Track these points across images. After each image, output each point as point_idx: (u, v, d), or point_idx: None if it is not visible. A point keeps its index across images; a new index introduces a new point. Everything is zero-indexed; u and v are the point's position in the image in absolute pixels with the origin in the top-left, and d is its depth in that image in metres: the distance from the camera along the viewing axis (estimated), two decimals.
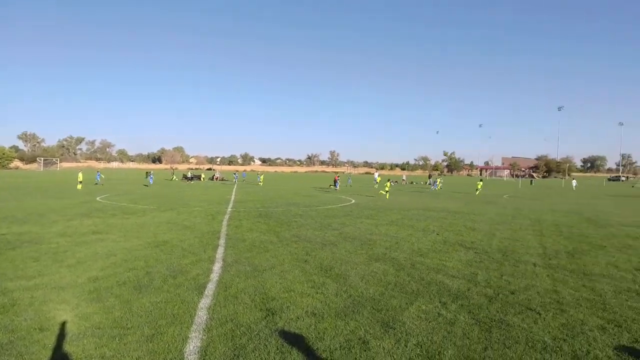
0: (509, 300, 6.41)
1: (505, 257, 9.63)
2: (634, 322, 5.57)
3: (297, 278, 7.43)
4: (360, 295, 6.50)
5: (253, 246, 10.28)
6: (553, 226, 15.70)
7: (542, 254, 10.19)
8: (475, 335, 5.05)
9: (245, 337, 4.85)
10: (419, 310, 5.87)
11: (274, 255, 9.26)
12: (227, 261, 8.60)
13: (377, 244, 10.94)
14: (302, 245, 10.53)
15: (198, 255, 9.08)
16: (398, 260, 9.05)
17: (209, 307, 5.78)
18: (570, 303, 6.34)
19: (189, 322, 5.25)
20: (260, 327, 5.15)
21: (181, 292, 6.46)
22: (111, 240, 10.67)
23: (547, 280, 7.68)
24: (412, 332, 5.08)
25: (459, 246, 10.98)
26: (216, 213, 17.47)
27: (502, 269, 8.45)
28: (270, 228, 13.43)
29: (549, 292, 6.88)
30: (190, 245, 10.27)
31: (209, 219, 15.58)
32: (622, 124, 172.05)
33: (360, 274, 7.79)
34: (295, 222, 14.95)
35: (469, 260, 9.29)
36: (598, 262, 9.32)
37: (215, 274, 7.53)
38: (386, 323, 5.37)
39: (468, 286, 7.15)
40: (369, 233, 12.87)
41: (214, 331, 4.98)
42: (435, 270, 8.27)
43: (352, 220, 16.08)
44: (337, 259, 9.11)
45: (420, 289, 6.95)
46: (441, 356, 4.46)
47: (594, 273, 8.30)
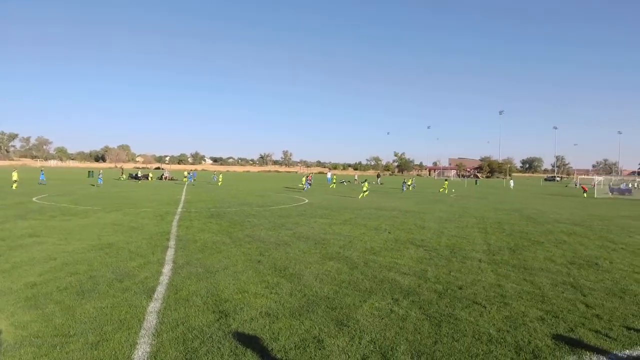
0: (457, 295, 6.68)
1: (453, 254, 10.03)
2: (570, 313, 5.98)
3: (250, 279, 7.34)
4: (314, 295, 6.53)
5: (205, 247, 10.04)
6: (496, 224, 16.56)
7: (486, 250, 10.71)
8: (426, 330, 5.22)
9: (198, 340, 4.72)
10: (372, 308, 5.98)
11: (226, 256, 9.09)
12: (178, 263, 8.33)
13: (331, 243, 11.04)
14: (256, 246, 10.42)
15: (146, 258, 8.73)
16: (351, 259, 9.18)
17: (159, 311, 5.57)
18: (513, 296, 6.71)
19: (137, 327, 5.03)
20: (213, 329, 5.04)
21: (128, 296, 6.18)
22: (50, 244, 10.02)
23: (491, 275, 8.09)
24: (365, 329, 5.17)
25: (409, 244, 11.30)
26: (165, 214, 16.89)
27: (451, 266, 8.80)
28: (222, 228, 13.17)
29: (493, 287, 7.24)
30: (137, 247, 9.86)
31: (157, 219, 15.03)
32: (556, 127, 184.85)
33: (314, 273, 7.82)
34: (249, 222, 14.76)
35: (419, 257, 9.59)
36: (537, 257, 9.93)
37: (165, 277, 7.27)
38: (340, 321, 5.43)
39: (419, 282, 7.38)
40: (323, 232, 12.95)
41: (164, 335, 4.80)
42: (388, 268, 8.46)
43: (305, 219, 16.12)
44: (291, 258, 9.10)
45: (374, 286, 7.09)
46: (394, 351, 4.57)
47: (534, 267, 8.84)
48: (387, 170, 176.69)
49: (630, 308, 6.26)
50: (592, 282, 7.77)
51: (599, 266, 9.15)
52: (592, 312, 6.05)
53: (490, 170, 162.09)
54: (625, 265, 9.34)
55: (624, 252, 11.05)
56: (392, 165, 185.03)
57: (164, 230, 12.59)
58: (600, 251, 11.04)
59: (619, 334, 5.22)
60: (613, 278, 8.09)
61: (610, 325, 5.52)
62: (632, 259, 10.02)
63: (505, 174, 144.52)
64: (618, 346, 4.85)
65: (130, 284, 6.81)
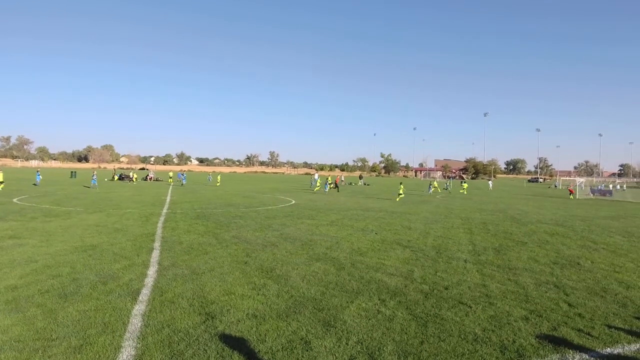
0: (443, 295, 6.74)
1: (439, 255, 10.12)
2: (552, 312, 6.08)
3: (237, 280, 7.29)
4: (301, 296, 6.51)
5: (191, 248, 9.94)
6: (481, 224, 16.76)
7: (472, 250, 10.83)
8: (412, 330, 5.25)
9: (184, 342, 4.67)
10: (359, 308, 5.99)
11: (212, 258, 9.02)
12: (163, 265, 8.23)
13: (318, 244, 11.04)
14: (242, 247, 10.35)
15: (131, 260, 8.61)
16: (338, 260, 9.19)
17: (144, 314, 5.49)
18: (498, 296, 6.79)
19: (122, 330, 4.96)
20: (199, 331, 4.99)
21: (112, 298, 6.08)
22: (31, 246, 9.81)
23: (476, 275, 8.18)
24: (352, 330, 5.17)
25: (396, 245, 11.36)
26: (150, 215, 16.68)
27: (437, 266, 8.87)
28: (208, 230, 13.07)
29: (478, 287, 7.32)
30: (122, 249, 9.71)
31: (142, 220, 14.83)
32: (539, 130, 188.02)
33: (301, 274, 7.81)
34: (235, 224, 14.67)
35: (406, 258, 9.64)
36: (521, 257, 10.08)
37: (150, 279, 7.17)
38: (327, 322, 5.42)
39: (405, 283, 7.42)
40: (310, 233, 12.94)
41: (150, 338, 4.74)
42: (375, 268, 8.49)
43: (292, 221, 16.08)
44: (278, 259, 9.06)
45: (360, 287, 7.10)
46: (381, 352, 4.59)
47: (518, 267, 8.97)
48: (374, 171, 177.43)
49: (611, 307, 6.39)
50: (574, 281, 7.91)
51: (580, 266, 9.32)
52: (574, 311, 6.15)
53: (475, 172, 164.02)
54: (606, 264, 9.54)
55: (604, 251, 11.28)
56: (378, 166, 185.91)
57: (149, 231, 12.43)
58: (582, 251, 11.26)
59: (601, 332, 5.32)
60: (594, 277, 8.25)
61: (592, 323, 5.63)
62: (612, 259, 10.24)
63: (490, 175, 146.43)
64: (600, 344, 4.94)
65: (114, 286, 6.70)
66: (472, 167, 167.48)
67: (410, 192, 42.08)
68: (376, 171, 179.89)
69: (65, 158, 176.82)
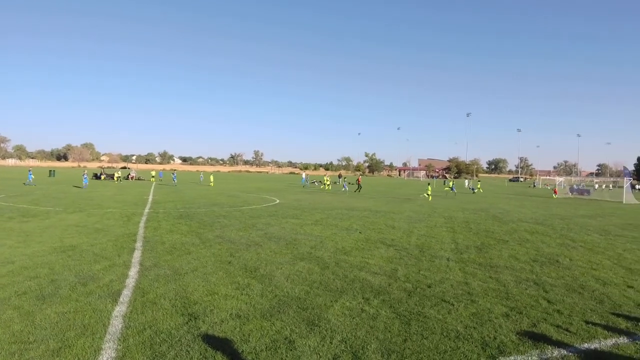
0: (426, 294, 6.81)
1: (422, 253, 10.21)
2: (532, 309, 6.20)
3: (220, 280, 7.23)
4: (285, 295, 6.50)
5: (173, 248, 9.82)
6: (463, 223, 16.99)
7: (454, 249, 10.96)
8: (396, 328, 5.28)
9: (166, 344, 4.61)
10: (343, 307, 6.01)
11: (196, 258, 8.93)
12: (145, 265, 8.12)
13: (302, 244, 11.02)
14: (226, 247, 10.28)
15: (112, 260, 8.46)
16: (323, 259, 9.20)
17: (125, 315, 5.40)
18: (479, 293, 6.89)
19: (102, 332, 4.87)
20: (182, 332, 4.93)
21: (92, 300, 5.97)
22: (7, 247, 9.55)
23: (459, 273, 8.28)
24: (336, 329, 5.18)
25: (380, 244, 11.43)
26: (132, 214, 16.43)
27: (420, 264, 8.95)
28: (191, 229, 12.93)
29: (460, 284, 7.42)
30: (102, 249, 9.54)
31: (124, 220, 14.60)
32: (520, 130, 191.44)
33: (285, 274, 7.79)
34: (219, 223, 14.55)
35: (389, 257, 9.71)
36: (502, 255, 10.24)
37: (131, 280, 7.06)
38: (312, 321, 5.42)
39: (389, 282, 7.47)
40: (294, 233, 12.92)
41: (131, 340, 4.66)
42: (359, 267, 8.53)
43: (277, 220, 16.03)
44: (262, 259, 9.03)
45: (345, 286, 7.12)
46: (365, 350, 4.60)
47: (499, 265, 9.11)
48: (358, 171, 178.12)
49: (589, 303, 6.55)
50: (553, 278, 8.08)
51: (559, 263, 9.53)
52: (553, 307, 6.28)
53: (458, 171, 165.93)
54: (584, 262, 9.77)
55: (582, 249, 11.55)
56: (362, 166, 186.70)
57: (131, 231, 12.24)
58: (561, 249, 11.50)
59: (579, 328, 5.45)
60: (573, 275, 8.44)
61: (570, 320, 5.76)
62: (590, 256, 10.49)
63: (472, 174, 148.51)
64: (578, 340, 5.05)
65: (94, 287, 6.58)
66: (455, 166, 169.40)
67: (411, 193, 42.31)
68: (360, 170, 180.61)
69: (43, 157, 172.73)
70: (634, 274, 8.70)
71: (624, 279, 8.17)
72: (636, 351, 4.76)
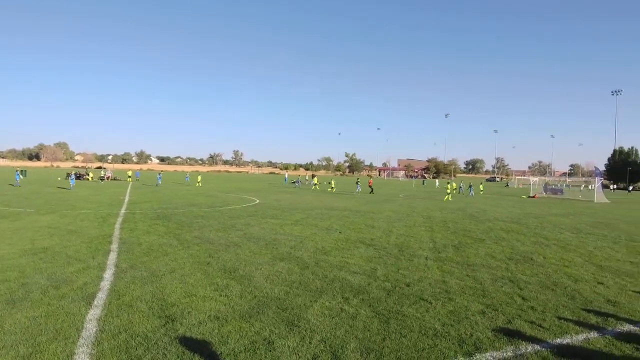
0: (405, 292, 6.87)
1: (401, 252, 10.31)
2: (507, 306, 6.33)
3: (199, 281, 7.14)
4: (265, 296, 6.46)
5: (150, 250, 9.65)
6: (442, 222, 17.23)
7: (432, 248, 11.11)
8: (375, 327, 5.32)
9: (142, 347, 4.52)
10: (322, 307, 6.01)
11: (173, 259, 8.79)
12: (121, 267, 7.94)
13: (282, 244, 10.99)
14: (205, 247, 10.15)
15: (86, 262, 8.25)
16: (302, 259, 9.18)
17: (99, 318, 5.28)
18: (457, 291, 7.00)
19: (75, 336, 4.74)
20: (159, 335, 4.85)
21: (65, 303, 5.81)
22: None
23: (437, 271, 8.40)
24: (316, 329, 5.18)
25: (360, 243, 11.49)
26: (107, 215, 16.06)
27: (399, 264, 9.04)
28: (169, 230, 12.73)
29: (438, 283, 7.52)
30: (76, 251, 9.29)
31: (99, 222, 14.26)
32: (496, 131, 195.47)
33: (265, 274, 7.75)
34: (197, 224, 14.37)
35: (369, 256, 9.76)
36: (478, 254, 10.44)
37: (106, 282, 6.90)
38: (291, 322, 5.41)
39: (368, 281, 7.51)
40: (274, 233, 12.87)
41: (105, 344, 4.56)
42: (338, 267, 8.55)
43: (256, 220, 15.94)
44: (241, 260, 8.95)
45: (324, 286, 7.13)
46: (344, 350, 4.62)
47: (476, 263, 9.28)
48: (338, 170, 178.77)
49: (561, 299, 6.73)
50: (527, 276, 8.27)
51: (533, 261, 9.76)
52: (527, 304, 6.43)
53: (436, 171, 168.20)
54: (556, 259, 10.04)
55: (555, 247, 11.88)
56: (343, 166, 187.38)
57: (106, 233, 11.97)
58: (535, 247, 11.80)
59: (552, 324, 5.60)
60: (546, 272, 8.67)
61: (543, 316, 5.91)
62: (562, 254, 10.79)
63: (451, 174, 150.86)
64: (551, 335, 5.19)
65: (67, 290, 6.40)
66: (434, 166, 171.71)
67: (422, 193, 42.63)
68: (341, 170, 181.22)
69: (14, 156, 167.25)
70: (603, 270, 8.98)
71: (594, 276, 8.43)
72: (605, 345, 4.92)
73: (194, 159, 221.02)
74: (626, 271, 8.98)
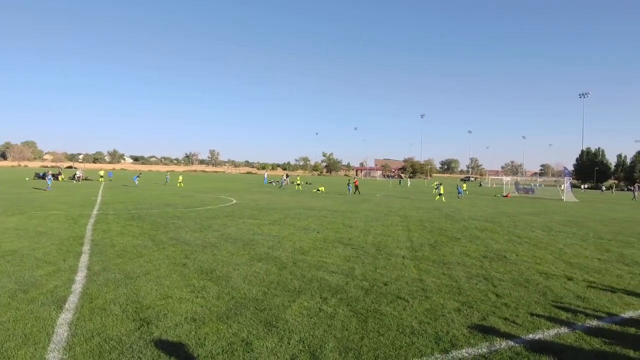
0: (383, 291, 6.93)
1: (379, 252, 10.40)
2: (482, 303, 6.47)
3: (175, 283, 7.01)
4: (242, 297, 6.40)
5: (124, 251, 9.42)
6: (418, 222, 17.47)
7: (409, 247, 11.25)
8: (353, 326, 5.34)
9: (116, 351, 4.41)
10: (301, 307, 6.00)
11: (148, 260, 8.61)
12: (93, 269, 7.73)
13: (260, 244, 10.91)
14: (181, 248, 9.99)
15: (56, 265, 7.99)
16: (280, 259, 9.15)
17: (71, 322, 5.12)
18: (433, 290, 7.10)
19: (46, 341, 4.58)
20: (133, 339, 4.74)
21: (34, 308, 5.61)
22: None
23: (414, 270, 8.50)
24: (294, 329, 5.17)
25: (338, 243, 11.52)
26: (79, 216, 15.60)
27: (377, 263, 9.11)
28: (144, 231, 12.46)
29: (415, 281, 7.62)
30: (45, 253, 8.99)
31: (69, 223, 13.84)
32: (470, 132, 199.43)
33: (242, 275, 7.68)
34: (173, 224, 14.12)
35: (347, 256, 9.80)
36: (454, 252, 10.62)
37: (78, 285, 6.70)
38: (269, 322, 5.37)
39: (346, 280, 7.54)
40: (251, 233, 12.77)
41: (77, 348, 4.42)
42: (316, 267, 8.55)
43: (233, 220, 15.78)
44: (219, 260, 8.85)
45: (302, 286, 7.12)
46: (322, 349, 4.62)
47: (451, 262, 9.44)
48: (316, 170, 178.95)
49: (533, 296, 6.92)
50: (501, 273, 8.47)
51: (507, 259, 10.01)
52: (501, 301, 6.59)
53: (413, 171, 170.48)
54: (528, 257, 10.32)
55: (527, 245, 12.21)
56: (320, 165, 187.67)
57: (77, 234, 11.62)
58: (508, 245, 12.10)
59: (524, 320, 5.75)
60: (519, 269, 8.90)
61: (517, 312, 6.06)
62: (534, 252, 11.10)
63: (427, 174, 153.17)
64: (524, 331, 5.33)
65: (36, 294, 6.18)
66: (410, 166, 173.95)
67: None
68: (318, 170, 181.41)
69: None
70: (573, 267, 9.29)
71: (564, 272, 8.70)
72: (575, 340, 5.08)
73: (169, 158, 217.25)
74: (594, 267, 9.30)
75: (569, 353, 4.70)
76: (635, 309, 6.41)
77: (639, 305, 6.61)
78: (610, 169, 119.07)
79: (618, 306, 6.50)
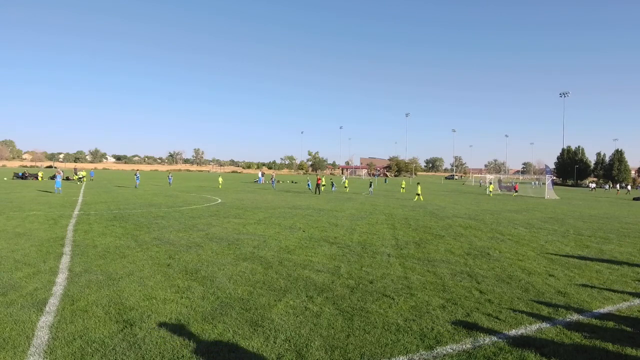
0: (368, 289, 6.96)
1: (364, 250, 10.44)
2: (466, 299, 6.55)
3: (159, 284, 6.93)
4: (228, 297, 6.36)
5: (107, 252, 9.27)
6: (403, 220, 17.60)
7: (395, 245, 11.32)
8: (339, 324, 5.35)
9: (98, 354, 4.33)
10: (287, 306, 5.99)
11: (131, 261, 8.48)
12: (75, 271, 7.58)
13: (245, 243, 10.86)
14: (165, 249, 9.87)
15: (36, 267, 7.81)
16: (266, 259, 9.11)
17: (52, 325, 5.01)
18: (418, 287, 7.17)
19: (26, 344, 4.48)
20: (116, 340, 4.66)
21: (14, 311, 5.47)
22: None
23: (399, 268, 8.56)
24: (280, 328, 5.16)
25: (323, 242, 11.53)
26: (59, 217, 15.30)
27: (362, 261, 9.15)
28: (127, 232, 12.28)
29: (400, 279, 7.68)
30: (25, 255, 8.79)
31: (50, 224, 13.55)
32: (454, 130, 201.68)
33: (227, 275, 7.63)
34: (157, 224, 13.95)
35: (332, 254, 9.82)
36: (439, 250, 10.74)
37: (59, 287, 6.57)
38: (255, 322, 5.35)
39: (332, 279, 7.55)
40: (237, 233, 12.69)
41: (59, 352, 4.33)
42: (302, 266, 8.54)
43: (218, 220, 15.66)
44: (203, 260, 8.77)
45: (288, 285, 7.10)
46: (309, 348, 4.62)
47: (436, 259, 9.54)
48: (301, 169, 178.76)
49: (516, 292, 7.04)
50: (484, 270, 8.59)
51: (490, 256, 10.16)
52: (485, 297, 6.68)
53: (398, 169, 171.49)
54: (511, 254, 10.49)
55: (510, 242, 12.41)
56: (306, 164, 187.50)
57: (58, 235, 11.39)
58: (491, 242, 12.27)
59: (507, 315, 5.84)
60: (502, 266, 9.04)
61: (500, 308, 6.15)
62: (517, 248, 11.29)
63: (411, 172, 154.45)
64: (506, 327, 5.41)
65: (15, 297, 6.04)
66: (395, 165, 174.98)
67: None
68: (304, 169, 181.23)
69: None
70: (554, 263, 9.47)
71: (546, 269, 8.87)
72: (557, 334, 5.19)
73: (152, 157, 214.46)
74: (574, 264, 9.51)
75: (550, 347, 4.79)
76: (613, 303, 6.58)
77: (617, 299, 6.78)
78: (590, 167, 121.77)
79: (597, 301, 6.66)
